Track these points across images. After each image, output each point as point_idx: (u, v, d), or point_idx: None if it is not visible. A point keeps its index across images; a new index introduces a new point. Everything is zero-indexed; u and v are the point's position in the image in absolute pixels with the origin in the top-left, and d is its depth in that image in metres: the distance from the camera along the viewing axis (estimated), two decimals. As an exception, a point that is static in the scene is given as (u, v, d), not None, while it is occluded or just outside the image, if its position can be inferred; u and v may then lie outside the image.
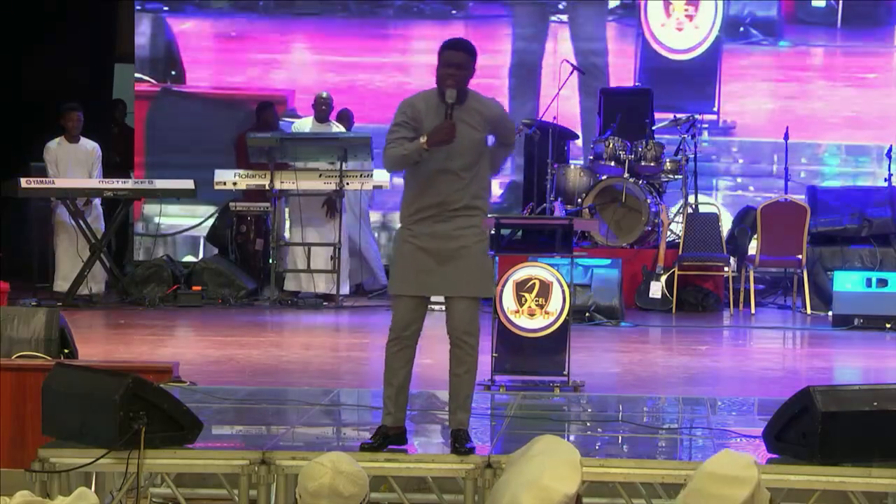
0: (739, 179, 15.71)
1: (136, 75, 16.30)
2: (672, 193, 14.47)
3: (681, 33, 15.66)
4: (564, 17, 15.86)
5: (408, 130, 6.41)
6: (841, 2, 15.51)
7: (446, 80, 6.36)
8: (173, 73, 16.31)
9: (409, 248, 6.46)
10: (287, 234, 14.08)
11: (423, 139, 6.32)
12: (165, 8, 16.33)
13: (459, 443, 6.42)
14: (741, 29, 15.68)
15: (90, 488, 6.64)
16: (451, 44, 6.48)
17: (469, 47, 6.49)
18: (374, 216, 15.60)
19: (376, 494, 6.65)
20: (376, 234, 15.55)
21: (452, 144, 6.34)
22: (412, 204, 6.48)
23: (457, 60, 6.38)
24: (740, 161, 15.72)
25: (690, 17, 15.63)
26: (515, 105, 15.53)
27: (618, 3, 15.86)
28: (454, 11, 16.04)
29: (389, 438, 6.51)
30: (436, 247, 6.40)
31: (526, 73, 15.80)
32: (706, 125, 15.44)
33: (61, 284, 13.28)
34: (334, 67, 15.86)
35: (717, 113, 15.67)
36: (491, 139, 6.57)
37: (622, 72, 15.64)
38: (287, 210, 14.05)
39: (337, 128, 13.98)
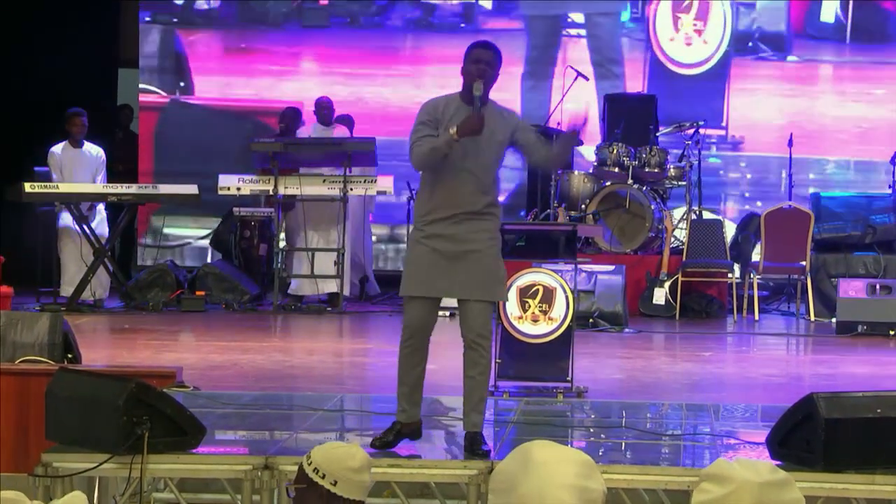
0: (747, 194, 15.68)
1: (145, 86, 16.30)
2: (676, 200, 14.47)
3: (689, 48, 15.65)
4: (579, 31, 15.84)
5: (431, 129, 6.44)
6: (850, 17, 15.48)
7: (474, 74, 6.41)
8: (182, 84, 16.32)
9: (421, 250, 6.48)
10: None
11: (452, 130, 6.34)
12: (175, 20, 16.33)
13: (475, 445, 6.44)
14: (750, 44, 15.66)
15: (93, 493, 6.67)
16: (481, 43, 6.57)
17: (497, 49, 6.56)
18: (382, 229, 15.63)
19: (379, 500, 6.65)
20: (383, 246, 15.60)
21: (475, 141, 6.39)
22: (427, 204, 6.50)
23: (486, 58, 6.46)
24: (748, 176, 15.70)
25: (699, 32, 15.62)
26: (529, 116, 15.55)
27: (627, 17, 15.85)
28: (463, 24, 16.03)
29: (402, 434, 6.56)
30: (447, 249, 6.42)
31: (537, 85, 15.79)
32: (714, 140, 15.44)
33: (67, 289, 13.30)
34: (343, 80, 15.85)
35: (726, 128, 15.65)
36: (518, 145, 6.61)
37: (631, 86, 15.58)
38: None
39: (340, 131, 14.01)
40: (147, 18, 16.33)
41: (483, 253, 6.43)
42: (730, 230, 14.05)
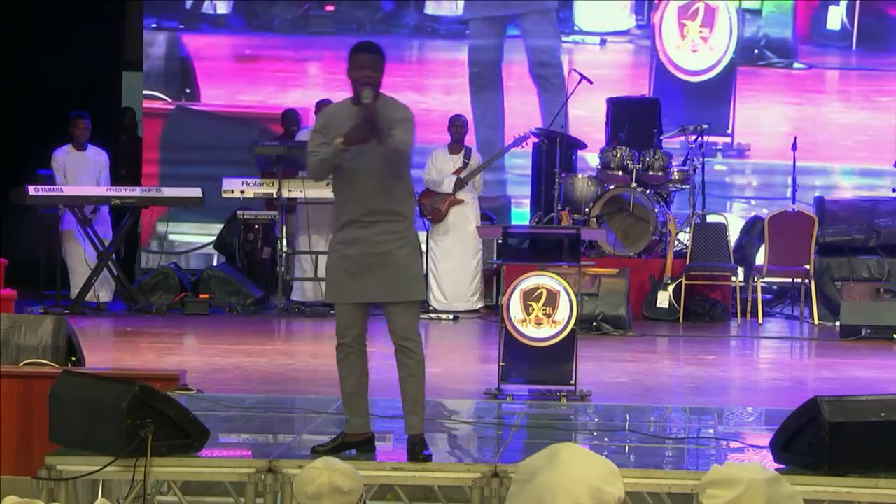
0: (754, 202, 15.65)
1: (151, 92, 16.29)
2: (679, 203, 14.45)
3: (695, 55, 15.64)
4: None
5: (324, 137, 6.47)
6: (856, 24, 15.47)
7: (361, 81, 6.44)
8: (188, 90, 16.30)
9: (335, 256, 6.50)
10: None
11: (339, 140, 6.36)
12: (181, 26, 16.32)
13: (416, 449, 6.40)
14: (756, 51, 15.65)
15: (97, 496, 6.67)
16: (362, 46, 6.57)
17: (379, 49, 6.55)
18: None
19: None
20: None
21: (368, 145, 6.36)
22: (339, 211, 6.52)
23: (369, 63, 6.48)
24: (754, 183, 15.68)
25: (705, 39, 15.61)
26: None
27: (633, 24, 15.84)
28: (468, 31, 16.04)
29: (347, 445, 6.50)
30: (359, 252, 6.41)
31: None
32: (720, 147, 15.42)
33: (75, 292, 13.31)
34: (348, 86, 15.80)
35: (732, 135, 15.63)
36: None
37: (637, 93, 15.52)
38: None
39: None
40: (153, 25, 16.31)
41: (395, 255, 6.39)
42: (734, 234, 14.04)
